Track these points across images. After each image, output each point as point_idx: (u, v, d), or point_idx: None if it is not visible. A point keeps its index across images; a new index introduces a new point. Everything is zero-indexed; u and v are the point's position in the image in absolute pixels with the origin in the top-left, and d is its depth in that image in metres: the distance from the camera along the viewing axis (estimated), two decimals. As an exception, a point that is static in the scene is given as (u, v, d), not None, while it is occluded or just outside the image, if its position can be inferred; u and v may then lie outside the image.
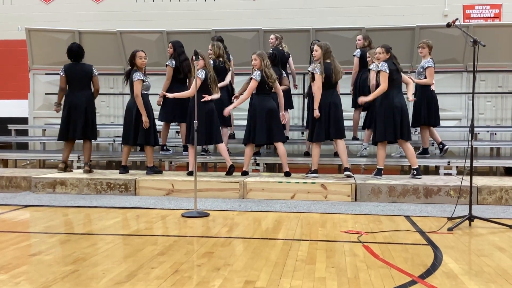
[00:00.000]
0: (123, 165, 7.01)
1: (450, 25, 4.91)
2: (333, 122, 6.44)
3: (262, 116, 6.54)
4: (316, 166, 6.59)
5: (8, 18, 11.58)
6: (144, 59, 6.85)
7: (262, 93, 6.57)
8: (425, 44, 7.23)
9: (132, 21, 10.85)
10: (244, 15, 10.66)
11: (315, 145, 6.56)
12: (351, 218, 5.13)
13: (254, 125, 6.59)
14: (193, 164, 6.35)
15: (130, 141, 6.87)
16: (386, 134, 6.39)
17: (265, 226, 4.75)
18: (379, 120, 6.45)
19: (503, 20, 10.32)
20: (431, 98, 7.26)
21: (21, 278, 3.13)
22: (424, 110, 7.23)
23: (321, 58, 6.44)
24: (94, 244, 4.01)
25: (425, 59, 7.23)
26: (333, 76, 6.41)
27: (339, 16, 10.34)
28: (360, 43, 7.81)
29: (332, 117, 6.44)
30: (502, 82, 9.24)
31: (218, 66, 7.38)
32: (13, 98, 11.36)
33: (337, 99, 6.54)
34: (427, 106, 7.23)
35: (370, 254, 3.74)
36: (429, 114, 7.26)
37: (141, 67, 6.84)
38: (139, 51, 6.86)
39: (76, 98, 7.01)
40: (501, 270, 3.36)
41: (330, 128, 6.44)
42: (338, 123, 6.48)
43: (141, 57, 6.82)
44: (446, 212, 5.32)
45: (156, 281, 3.08)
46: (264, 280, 3.11)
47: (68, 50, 7.11)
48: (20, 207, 5.71)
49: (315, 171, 6.59)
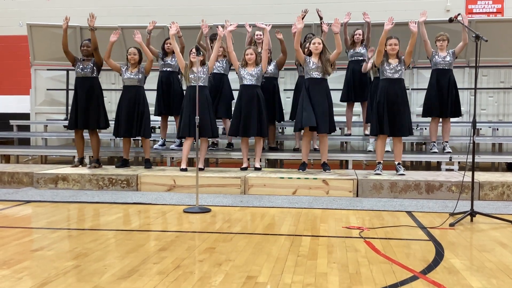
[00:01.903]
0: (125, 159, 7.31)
1: (452, 20, 4.90)
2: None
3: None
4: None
5: (10, 14, 11.58)
6: (133, 55, 7.15)
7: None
8: (445, 37, 7.26)
9: (134, 17, 10.84)
10: (245, 10, 10.64)
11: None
12: (352, 214, 5.14)
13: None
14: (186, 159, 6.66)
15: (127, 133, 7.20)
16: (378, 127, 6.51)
17: (267, 222, 4.75)
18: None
19: (505, 15, 10.29)
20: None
21: (23, 273, 3.13)
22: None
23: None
24: (96, 239, 4.02)
25: (444, 53, 7.29)
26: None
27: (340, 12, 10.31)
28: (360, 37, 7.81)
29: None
30: (504, 77, 9.22)
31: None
32: (15, 94, 11.37)
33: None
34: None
35: (372, 249, 3.74)
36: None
37: (130, 61, 7.17)
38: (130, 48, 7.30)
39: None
40: (503, 266, 3.35)
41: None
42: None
43: (130, 53, 7.18)
44: (448, 207, 5.31)
45: (157, 276, 3.08)
46: (265, 275, 3.11)
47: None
48: (22, 203, 5.72)
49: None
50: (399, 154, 6.64)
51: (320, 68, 6.55)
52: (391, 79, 6.41)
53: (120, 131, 7.15)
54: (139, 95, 7.15)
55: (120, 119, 7.14)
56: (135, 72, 7.12)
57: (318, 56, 6.56)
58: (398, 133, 6.48)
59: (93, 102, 7.17)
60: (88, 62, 7.24)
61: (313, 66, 6.56)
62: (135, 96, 7.11)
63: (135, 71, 7.13)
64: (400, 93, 6.42)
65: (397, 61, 6.44)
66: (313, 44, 6.57)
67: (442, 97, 7.30)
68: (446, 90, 7.28)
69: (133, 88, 7.13)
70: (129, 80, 7.14)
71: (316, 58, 6.57)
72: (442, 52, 7.30)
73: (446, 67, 7.29)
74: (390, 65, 6.42)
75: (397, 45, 6.43)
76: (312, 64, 6.56)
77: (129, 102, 7.11)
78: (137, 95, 7.13)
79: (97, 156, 7.38)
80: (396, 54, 6.44)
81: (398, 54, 6.46)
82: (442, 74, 7.28)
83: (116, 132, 7.24)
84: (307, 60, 6.59)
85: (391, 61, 6.45)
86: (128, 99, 7.11)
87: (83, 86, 7.16)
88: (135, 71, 7.13)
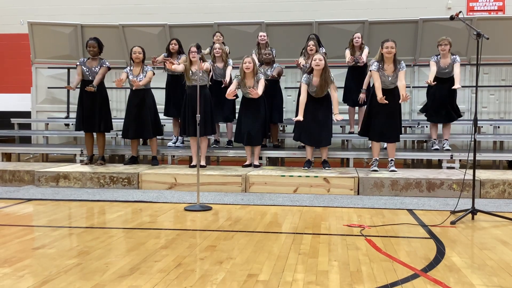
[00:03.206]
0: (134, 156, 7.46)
1: (453, 18, 4.88)
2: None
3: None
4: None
5: (11, 12, 11.57)
6: (138, 54, 7.14)
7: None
8: (447, 41, 7.13)
9: (135, 15, 10.83)
10: (246, 8, 10.63)
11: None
12: (353, 212, 5.14)
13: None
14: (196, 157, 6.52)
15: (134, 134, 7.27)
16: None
17: (268, 220, 4.75)
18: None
19: (506, 13, 10.27)
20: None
21: (25, 271, 3.14)
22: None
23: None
24: (97, 237, 4.02)
25: (447, 57, 7.18)
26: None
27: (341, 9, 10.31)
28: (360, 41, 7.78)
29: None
30: (505, 75, 9.20)
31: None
32: (16, 92, 11.38)
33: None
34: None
35: (373, 247, 3.74)
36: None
37: (135, 60, 7.15)
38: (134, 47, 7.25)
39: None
40: (504, 264, 3.35)
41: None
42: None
43: (135, 52, 7.15)
44: (449, 205, 5.31)
45: (159, 274, 3.08)
46: (266, 273, 3.11)
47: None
48: (23, 201, 5.73)
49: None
50: (390, 152, 6.70)
51: (319, 91, 6.62)
52: (386, 89, 6.40)
53: (129, 134, 7.21)
54: (147, 97, 7.15)
55: (129, 122, 7.15)
56: (140, 74, 7.08)
57: (319, 74, 6.57)
58: (388, 140, 6.67)
59: (98, 107, 7.16)
60: (95, 63, 7.19)
61: (313, 90, 6.64)
62: (143, 99, 7.09)
63: (140, 72, 7.09)
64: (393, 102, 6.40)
65: (393, 68, 6.38)
66: (314, 61, 6.59)
67: (441, 106, 7.35)
68: (446, 98, 7.30)
69: (140, 92, 7.09)
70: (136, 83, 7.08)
71: (317, 78, 6.59)
72: (444, 58, 7.19)
73: (445, 76, 7.25)
74: (385, 74, 6.38)
75: (394, 48, 6.30)
76: (312, 88, 6.64)
77: (137, 106, 7.10)
78: (145, 98, 7.12)
79: (103, 154, 7.44)
80: (392, 58, 6.35)
81: (395, 58, 6.39)
82: (441, 82, 7.21)
83: (126, 135, 7.28)
84: (309, 79, 6.65)
85: (387, 67, 6.38)
86: (137, 104, 7.10)
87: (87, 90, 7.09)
88: (140, 72, 7.09)
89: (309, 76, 6.68)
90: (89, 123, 7.20)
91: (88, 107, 7.14)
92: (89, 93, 7.06)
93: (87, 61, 7.24)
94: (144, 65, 7.20)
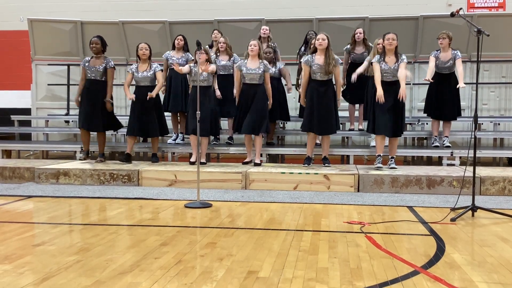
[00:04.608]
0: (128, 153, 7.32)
1: (454, 14, 4.87)
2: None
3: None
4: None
5: (10, 9, 11.57)
6: (144, 50, 7.10)
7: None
8: (446, 35, 7.10)
9: (135, 11, 10.82)
10: (247, 5, 10.62)
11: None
12: (353, 209, 5.14)
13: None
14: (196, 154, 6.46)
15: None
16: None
17: (268, 217, 4.76)
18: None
19: (507, 9, 10.26)
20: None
21: (25, 268, 3.14)
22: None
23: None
24: (97, 234, 4.02)
25: (447, 51, 7.15)
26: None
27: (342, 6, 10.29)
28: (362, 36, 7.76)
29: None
30: (506, 72, 9.20)
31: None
32: (16, 89, 11.38)
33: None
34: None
35: (373, 244, 3.74)
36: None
37: (141, 57, 7.11)
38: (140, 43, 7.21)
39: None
40: (504, 261, 3.36)
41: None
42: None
43: (141, 48, 7.12)
44: (449, 202, 5.31)
45: (159, 271, 3.09)
46: (266, 270, 3.12)
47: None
48: (24, 198, 5.73)
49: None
50: (392, 149, 6.68)
51: (323, 69, 6.46)
52: (388, 81, 6.38)
53: (134, 131, 7.15)
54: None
55: (134, 120, 7.11)
56: (147, 70, 7.07)
57: (323, 53, 6.48)
58: (395, 135, 6.56)
59: (100, 107, 7.14)
60: (98, 61, 7.16)
61: (317, 68, 6.49)
62: (148, 98, 7.01)
63: (147, 69, 7.07)
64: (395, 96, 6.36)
65: (394, 60, 6.36)
66: (317, 40, 6.51)
67: (442, 103, 7.31)
68: (447, 95, 7.27)
69: (146, 89, 7.02)
70: (144, 79, 7.08)
71: (321, 56, 6.49)
72: (444, 52, 7.18)
73: (447, 71, 7.23)
74: (387, 65, 6.37)
75: (395, 40, 6.31)
76: (316, 66, 6.49)
77: (142, 104, 7.04)
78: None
79: (103, 151, 7.43)
80: (394, 50, 6.35)
81: (397, 51, 6.38)
82: (443, 78, 7.22)
83: (131, 132, 7.19)
84: (310, 60, 6.53)
85: (388, 60, 6.37)
86: (142, 102, 7.03)
87: (90, 89, 7.11)
88: (147, 69, 7.07)
89: (312, 56, 6.55)
90: (91, 122, 7.16)
91: (91, 105, 7.11)
92: (93, 92, 7.08)
93: (90, 60, 7.20)
94: (151, 61, 7.17)
